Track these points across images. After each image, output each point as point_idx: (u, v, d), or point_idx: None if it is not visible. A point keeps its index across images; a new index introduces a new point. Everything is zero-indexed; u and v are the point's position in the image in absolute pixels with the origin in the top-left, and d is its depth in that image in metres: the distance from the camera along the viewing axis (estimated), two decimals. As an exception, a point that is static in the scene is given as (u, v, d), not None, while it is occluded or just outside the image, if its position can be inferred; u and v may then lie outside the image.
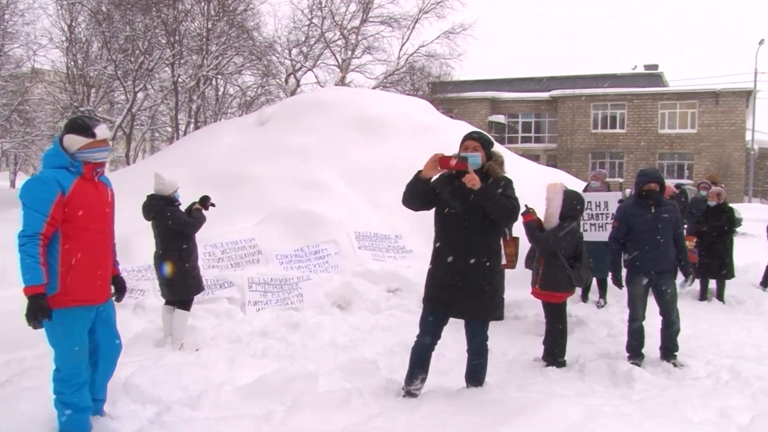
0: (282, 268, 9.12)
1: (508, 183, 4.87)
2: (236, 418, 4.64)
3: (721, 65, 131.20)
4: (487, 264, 4.81)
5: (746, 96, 40.27)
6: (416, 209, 5.00)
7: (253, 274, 8.79)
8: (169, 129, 29.82)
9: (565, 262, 6.02)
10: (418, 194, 4.81)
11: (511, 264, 8.08)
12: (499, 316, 5.05)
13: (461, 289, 4.78)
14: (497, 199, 4.66)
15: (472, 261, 4.75)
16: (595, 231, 8.74)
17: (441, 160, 4.62)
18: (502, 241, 5.20)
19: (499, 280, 4.96)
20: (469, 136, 5.00)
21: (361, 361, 5.96)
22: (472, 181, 4.56)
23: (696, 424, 4.70)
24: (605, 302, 9.13)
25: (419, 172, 4.75)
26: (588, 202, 8.61)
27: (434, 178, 4.78)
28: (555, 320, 6.23)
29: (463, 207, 4.74)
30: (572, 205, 6.14)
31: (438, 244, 4.93)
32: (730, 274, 9.82)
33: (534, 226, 6.17)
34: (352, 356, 6.33)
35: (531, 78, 48.30)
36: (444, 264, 4.84)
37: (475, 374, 5.16)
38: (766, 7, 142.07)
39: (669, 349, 6.38)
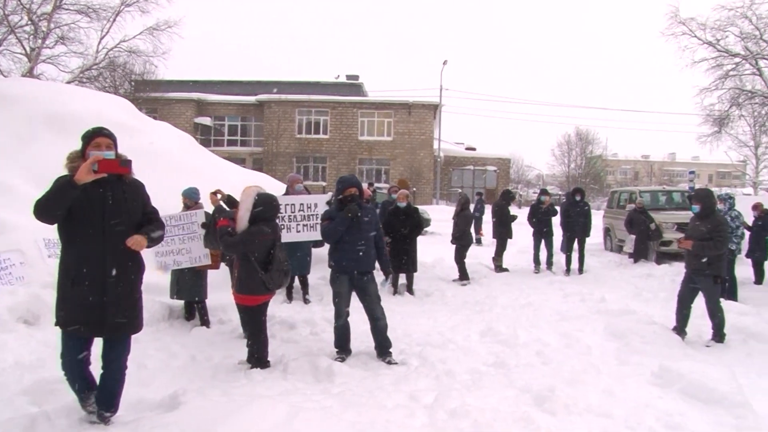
0: (-50, 284, 7.93)
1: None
2: None
3: (413, 80, 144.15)
4: (132, 276, 4.47)
5: (434, 109, 44.64)
6: (54, 221, 4.23)
7: None
8: None
9: (258, 266, 6.03)
10: (65, 204, 4.12)
11: (216, 264, 8.04)
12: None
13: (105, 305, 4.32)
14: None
15: (114, 273, 4.34)
16: (308, 231, 9.19)
17: (102, 164, 4.11)
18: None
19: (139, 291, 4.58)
20: (100, 132, 4.36)
21: (51, 381, 5.36)
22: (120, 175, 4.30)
23: (389, 409, 5.08)
24: (309, 299, 9.52)
25: (69, 177, 4.12)
26: (301, 204, 9.17)
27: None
28: (253, 323, 6.23)
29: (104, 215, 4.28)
30: (265, 208, 6.14)
31: (70, 258, 4.38)
32: (414, 269, 10.78)
33: (224, 231, 6.09)
34: (40, 376, 5.71)
35: (238, 81, 48.22)
36: (83, 278, 4.30)
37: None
38: (449, 33, 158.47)
39: (383, 347, 6.71)
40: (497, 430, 4.67)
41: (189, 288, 7.91)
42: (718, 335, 7.70)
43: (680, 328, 7.89)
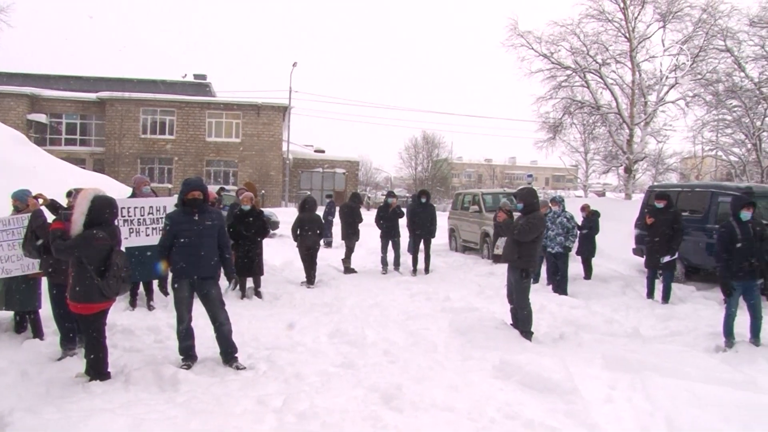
0: None
1: None
2: None
3: (263, 82, 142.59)
4: None
5: (283, 111, 44.44)
6: None
7: None
8: None
9: (93, 273, 5.71)
10: None
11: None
12: None
13: None
14: None
15: None
16: (157, 234, 8.71)
17: None
18: None
19: None
20: None
21: None
22: None
23: (237, 415, 5.00)
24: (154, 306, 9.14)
25: None
26: (150, 207, 8.73)
27: None
28: (91, 332, 5.87)
29: None
30: (101, 211, 5.84)
31: None
32: (261, 272, 10.66)
33: (56, 235, 5.75)
34: None
35: (77, 77, 45.50)
36: None
37: None
38: (300, 35, 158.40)
39: (228, 352, 6.55)
40: (345, 430, 4.74)
41: (20, 298, 7.29)
42: (525, 331, 7.99)
43: (515, 323, 8.28)
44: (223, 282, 7.00)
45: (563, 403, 5.37)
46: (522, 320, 8.06)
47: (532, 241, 8.00)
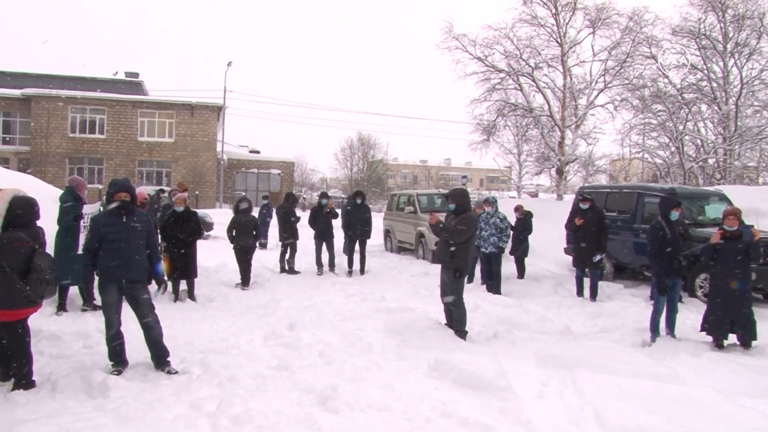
0: None
1: None
2: None
3: (197, 81, 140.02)
4: None
5: (218, 110, 43.70)
6: None
7: None
8: None
9: (15, 277, 5.46)
10: None
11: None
12: None
13: None
14: None
15: None
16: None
17: None
18: None
19: None
20: None
21: None
22: None
23: (169, 421, 4.90)
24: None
25: None
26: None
27: None
28: (14, 340, 5.62)
29: None
30: (22, 212, 5.64)
31: None
32: (194, 274, 10.49)
33: None
34: None
35: (0, 72, 43.75)
36: None
37: None
38: (234, 34, 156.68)
39: (160, 357, 6.39)
40: (281, 432, 4.68)
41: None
42: (459, 330, 8.09)
43: (450, 323, 8.37)
44: (154, 284, 6.83)
45: (497, 401, 5.46)
46: (456, 320, 8.15)
47: (464, 242, 8.09)
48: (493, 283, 11.65)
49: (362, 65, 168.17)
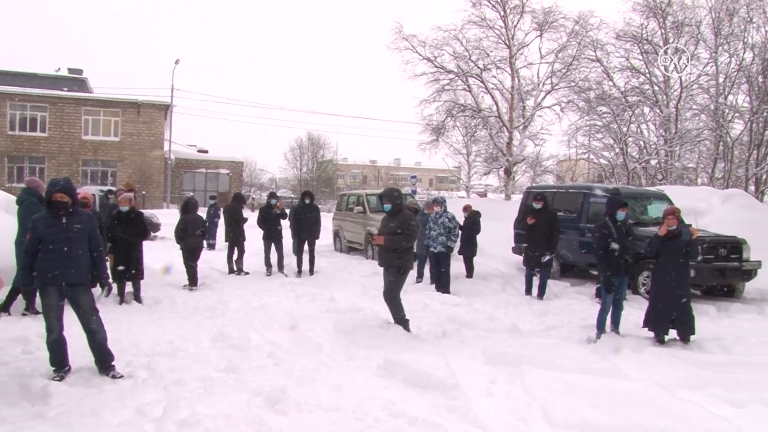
0: None
1: None
2: None
3: (144, 79, 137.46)
4: None
5: (165, 109, 42.96)
6: None
7: None
8: None
9: None
10: None
11: None
12: None
13: None
14: None
15: None
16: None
17: None
18: None
19: None
20: None
21: None
22: None
23: (114, 427, 4.80)
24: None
25: None
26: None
27: None
28: None
29: None
30: None
31: None
32: (141, 276, 10.30)
33: None
34: None
35: (-70, 67, 42.20)
36: None
37: None
38: (183, 32, 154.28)
39: (104, 361, 6.23)
40: (228, 435, 4.62)
41: None
42: (402, 322, 8.23)
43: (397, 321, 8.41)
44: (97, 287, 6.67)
45: (446, 399, 5.50)
46: (393, 309, 8.31)
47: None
48: (442, 282, 11.74)
49: (312, 65, 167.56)
